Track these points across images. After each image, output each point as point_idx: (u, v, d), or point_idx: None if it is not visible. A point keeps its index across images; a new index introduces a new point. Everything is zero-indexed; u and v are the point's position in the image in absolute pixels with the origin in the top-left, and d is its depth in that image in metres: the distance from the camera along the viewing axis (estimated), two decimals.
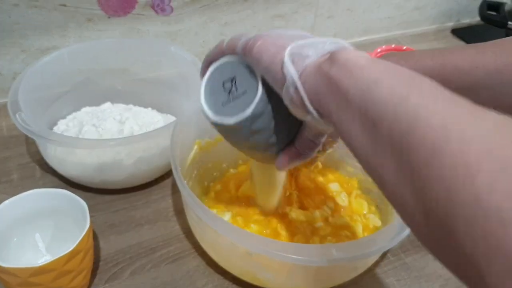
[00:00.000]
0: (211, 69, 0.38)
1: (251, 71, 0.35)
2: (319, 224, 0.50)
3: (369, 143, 0.25)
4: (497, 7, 0.91)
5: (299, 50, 0.31)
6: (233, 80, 0.37)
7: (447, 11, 1.02)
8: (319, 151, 0.47)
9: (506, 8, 0.90)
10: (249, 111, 0.35)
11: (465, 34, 1.00)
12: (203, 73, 0.40)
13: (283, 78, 0.31)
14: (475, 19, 1.02)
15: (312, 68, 0.30)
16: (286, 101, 0.32)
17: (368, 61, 0.28)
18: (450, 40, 1.00)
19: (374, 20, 0.95)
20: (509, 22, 0.87)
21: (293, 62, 0.31)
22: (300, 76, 0.30)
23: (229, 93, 0.37)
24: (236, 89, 0.36)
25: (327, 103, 0.29)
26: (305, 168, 0.52)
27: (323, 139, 0.38)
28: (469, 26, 1.04)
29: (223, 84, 0.37)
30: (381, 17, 0.95)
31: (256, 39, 0.33)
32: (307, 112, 0.31)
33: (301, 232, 0.49)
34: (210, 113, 0.37)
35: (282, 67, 0.31)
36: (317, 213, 0.51)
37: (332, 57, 0.29)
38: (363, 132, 0.26)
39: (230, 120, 0.35)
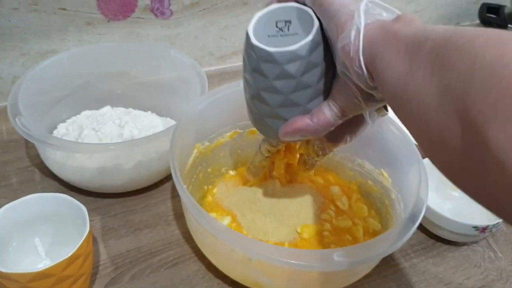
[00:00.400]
0: (273, 6, 0.38)
1: (310, 22, 0.36)
2: (326, 233, 0.50)
3: (406, 65, 0.27)
4: (497, 10, 0.91)
5: (374, 7, 0.33)
6: (288, 22, 0.37)
7: (447, 14, 1.02)
8: (318, 155, 0.46)
9: (506, 10, 0.90)
10: (292, 47, 0.35)
11: None
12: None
13: (347, 24, 0.32)
14: (475, 22, 1.02)
15: (377, 23, 0.31)
16: (339, 47, 0.33)
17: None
18: None
19: None
20: (509, 25, 0.87)
21: (365, 14, 0.32)
22: (365, 25, 0.31)
23: (279, 30, 0.37)
24: (288, 29, 0.37)
25: (377, 49, 0.30)
26: (304, 172, 0.52)
27: (341, 121, 0.38)
28: None
29: (277, 23, 0.38)
30: None
31: None
32: (356, 59, 0.31)
33: (309, 244, 0.49)
34: (252, 37, 0.37)
35: (352, 14, 0.32)
36: (328, 225, 0.51)
37: (397, 18, 0.31)
38: (404, 58, 0.28)
39: (268, 48, 0.36)
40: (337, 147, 0.44)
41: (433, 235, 0.56)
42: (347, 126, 0.41)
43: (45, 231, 0.48)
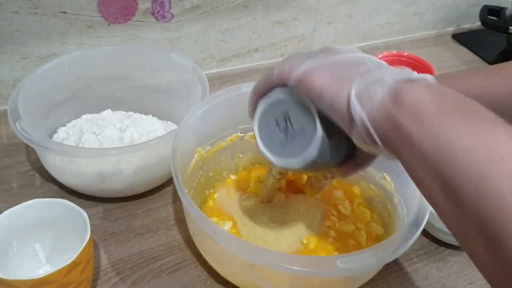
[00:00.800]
0: (261, 107, 0.37)
1: (304, 105, 0.34)
2: (330, 239, 0.50)
3: (441, 195, 0.26)
4: (498, 12, 0.91)
5: (364, 88, 0.30)
6: (286, 116, 0.36)
7: (447, 16, 1.01)
8: (326, 178, 0.47)
9: (507, 13, 0.89)
10: (313, 152, 0.35)
11: (465, 39, 1.00)
12: (252, 109, 0.39)
13: (350, 117, 0.30)
14: (476, 24, 1.02)
15: (380, 109, 0.29)
16: (355, 139, 0.32)
17: (436, 102, 0.28)
18: (450, 45, 0.99)
19: (374, 26, 0.95)
20: (510, 27, 0.87)
21: (360, 101, 0.29)
22: (369, 119, 0.29)
23: (285, 131, 0.36)
24: (292, 126, 0.36)
25: (397, 148, 0.29)
26: (311, 195, 0.52)
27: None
28: (470, 31, 1.04)
29: (277, 122, 0.37)
30: (381, 22, 0.95)
31: (312, 72, 0.32)
32: (374, 147, 0.31)
33: (313, 252, 0.49)
34: (273, 158, 0.37)
35: (348, 107, 0.30)
36: (332, 233, 0.51)
37: (398, 99, 0.28)
38: (434, 185, 0.26)
39: (296, 164, 0.36)
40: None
41: (435, 239, 0.56)
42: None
43: (46, 237, 0.48)
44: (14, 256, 0.46)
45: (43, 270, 0.48)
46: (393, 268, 0.53)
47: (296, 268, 0.37)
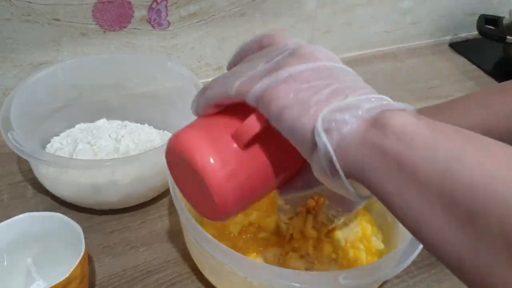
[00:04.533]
0: None
1: None
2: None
3: (464, 238, 0.22)
4: (495, 22, 0.91)
5: (333, 116, 0.26)
6: None
7: (445, 25, 1.02)
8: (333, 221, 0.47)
9: (504, 22, 0.90)
10: None
11: (463, 48, 1.00)
12: (196, 110, 0.35)
13: (312, 145, 0.27)
14: (473, 33, 1.02)
15: (354, 138, 0.25)
16: (315, 169, 0.28)
17: (427, 125, 0.24)
18: (448, 54, 0.99)
19: (371, 35, 0.95)
20: (508, 37, 0.87)
21: (327, 130, 0.26)
22: (336, 149, 0.26)
23: None
24: None
25: (379, 181, 0.25)
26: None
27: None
28: (467, 40, 1.04)
29: None
30: (378, 31, 0.95)
31: (272, 91, 0.28)
32: (336, 181, 0.27)
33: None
34: None
35: (312, 134, 0.26)
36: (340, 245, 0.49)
37: (379, 124, 0.25)
38: (450, 223, 0.22)
39: None
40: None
41: None
42: None
43: (38, 251, 0.46)
44: (4, 272, 0.45)
45: (35, 286, 0.46)
46: (393, 281, 0.52)
47: (297, 284, 0.36)
